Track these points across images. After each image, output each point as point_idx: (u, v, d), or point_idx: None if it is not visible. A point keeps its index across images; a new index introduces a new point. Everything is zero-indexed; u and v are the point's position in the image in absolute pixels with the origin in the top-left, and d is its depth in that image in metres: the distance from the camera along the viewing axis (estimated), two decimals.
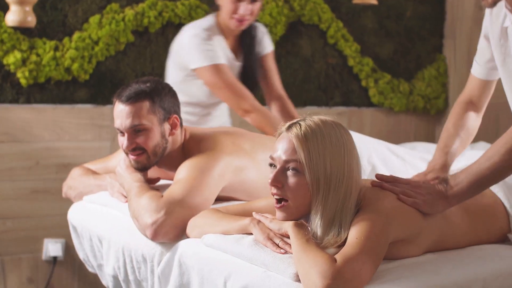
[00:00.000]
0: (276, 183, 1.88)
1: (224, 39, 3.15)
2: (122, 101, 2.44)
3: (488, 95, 2.49)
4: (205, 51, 3.05)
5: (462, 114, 2.47)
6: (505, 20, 2.23)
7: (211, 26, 3.11)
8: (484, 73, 2.42)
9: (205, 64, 3.05)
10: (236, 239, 1.99)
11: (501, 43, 2.26)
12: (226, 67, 3.07)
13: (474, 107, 2.48)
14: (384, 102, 4.49)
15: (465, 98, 2.50)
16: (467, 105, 2.48)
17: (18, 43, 3.45)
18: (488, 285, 1.87)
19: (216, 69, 3.04)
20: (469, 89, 2.50)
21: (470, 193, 2.02)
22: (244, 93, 3.07)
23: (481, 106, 2.49)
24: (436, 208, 1.98)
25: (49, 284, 3.63)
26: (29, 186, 3.56)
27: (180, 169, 2.44)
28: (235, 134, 2.67)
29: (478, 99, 2.48)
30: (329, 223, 1.83)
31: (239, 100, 3.07)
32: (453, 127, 2.46)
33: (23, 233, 3.57)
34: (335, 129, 1.89)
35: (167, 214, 2.24)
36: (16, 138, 3.51)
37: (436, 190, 1.99)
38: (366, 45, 4.44)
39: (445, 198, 1.99)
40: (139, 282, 2.40)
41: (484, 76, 2.43)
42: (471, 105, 2.48)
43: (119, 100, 2.45)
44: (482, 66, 2.41)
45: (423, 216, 1.96)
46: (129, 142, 2.45)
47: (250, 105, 3.06)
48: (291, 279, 1.77)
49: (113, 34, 3.62)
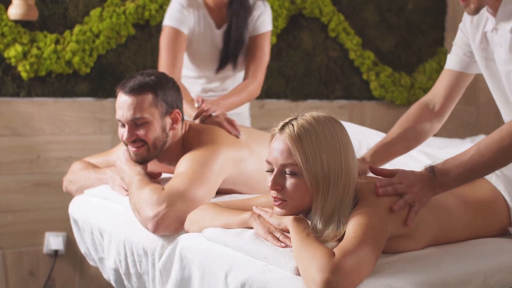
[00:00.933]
0: (275, 187, 1.88)
1: (206, 9, 3.13)
2: (125, 92, 2.44)
3: (455, 97, 2.46)
4: (175, 14, 3.07)
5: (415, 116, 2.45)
6: (486, 24, 2.23)
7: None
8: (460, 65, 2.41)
9: (167, 24, 3.09)
10: (237, 233, 1.99)
11: (482, 47, 2.26)
12: (180, 35, 3.07)
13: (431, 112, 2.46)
14: (385, 96, 4.49)
15: (426, 100, 2.48)
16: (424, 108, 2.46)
17: (19, 37, 3.45)
18: (488, 278, 1.87)
19: (169, 32, 3.07)
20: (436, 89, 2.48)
21: (457, 184, 2.01)
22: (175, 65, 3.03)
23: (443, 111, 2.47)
24: (426, 200, 1.95)
25: (50, 277, 3.64)
26: (30, 179, 3.56)
27: (181, 162, 2.44)
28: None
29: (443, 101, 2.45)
30: (328, 218, 1.83)
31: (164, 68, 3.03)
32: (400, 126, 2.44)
33: (24, 227, 3.58)
34: (328, 125, 1.87)
35: (168, 207, 2.25)
36: (17, 132, 3.51)
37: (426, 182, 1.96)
38: (367, 38, 4.44)
39: (433, 188, 1.96)
40: (140, 276, 2.40)
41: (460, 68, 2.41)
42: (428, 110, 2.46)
43: (122, 90, 2.45)
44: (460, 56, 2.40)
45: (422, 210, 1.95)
46: (129, 134, 2.45)
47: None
48: (291, 272, 1.77)
49: (114, 27, 3.62)
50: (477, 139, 3.86)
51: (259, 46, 3.18)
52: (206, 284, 2.03)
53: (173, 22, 3.06)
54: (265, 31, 3.20)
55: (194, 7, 3.09)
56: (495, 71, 2.27)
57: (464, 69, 2.42)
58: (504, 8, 2.13)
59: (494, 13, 2.17)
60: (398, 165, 2.88)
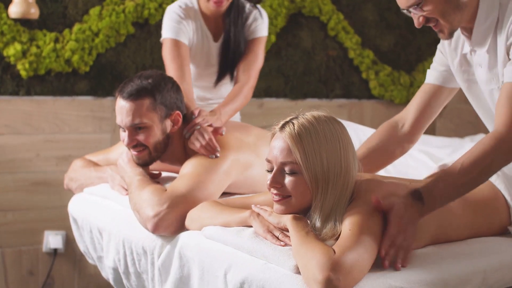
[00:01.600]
0: (275, 185, 1.88)
1: (202, 20, 3.03)
2: (124, 97, 2.43)
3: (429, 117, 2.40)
4: (173, 24, 2.95)
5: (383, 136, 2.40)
6: (464, 47, 2.22)
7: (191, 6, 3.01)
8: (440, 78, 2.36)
9: (167, 36, 2.95)
10: (236, 231, 1.99)
11: (462, 69, 2.25)
12: (182, 46, 2.94)
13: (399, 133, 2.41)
14: (385, 94, 4.49)
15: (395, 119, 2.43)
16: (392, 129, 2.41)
17: (18, 35, 3.44)
18: (488, 277, 1.87)
19: (171, 44, 2.93)
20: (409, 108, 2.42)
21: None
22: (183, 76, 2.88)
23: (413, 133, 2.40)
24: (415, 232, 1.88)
25: (49, 276, 3.63)
26: (29, 178, 3.56)
27: (186, 164, 2.44)
28: (237, 127, 2.67)
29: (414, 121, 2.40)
30: (327, 216, 1.83)
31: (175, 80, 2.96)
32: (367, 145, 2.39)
33: (23, 225, 3.57)
34: (329, 125, 1.88)
35: (169, 208, 2.25)
36: (16, 130, 3.51)
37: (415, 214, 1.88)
38: (367, 37, 4.43)
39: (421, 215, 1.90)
40: (139, 274, 2.40)
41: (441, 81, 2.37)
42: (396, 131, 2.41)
43: (120, 95, 2.44)
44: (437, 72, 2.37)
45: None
46: (130, 139, 2.45)
47: None
48: (291, 271, 1.77)
49: (114, 26, 3.62)
50: (476, 138, 3.86)
51: (251, 49, 3.09)
52: (205, 283, 2.03)
53: (172, 33, 2.94)
54: (258, 36, 3.11)
55: (191, 18, 3.00)
56: (477, 92, 2.25)
57: (443, 83, 2.37)
58: (478, 29, 2.11)
59: (469, 35, 2.16)
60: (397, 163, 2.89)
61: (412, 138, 2.42)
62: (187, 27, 2.98)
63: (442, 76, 2.37)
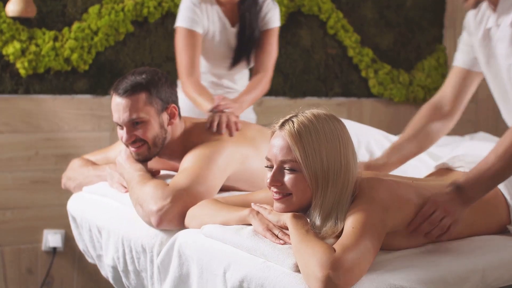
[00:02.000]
0: (274, 183, 1.88)
1: (218, 6, 3.14)
2: (119, 94, 2.43)
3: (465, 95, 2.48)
4: (188, 14, 3.05)
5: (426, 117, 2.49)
6: (488, 21, 2.24)
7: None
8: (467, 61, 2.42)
9: (181, 25, 3.06)
10: (236, 230, 1.99)
11: (484, 43, 2.27)
12: (195, 36, 3.06)
13: (441, 112, 2.48)
14: (384, 93, 4.49)
15: (435, 100, 2.51)
16: (434, 109, 2.49)
17: (18, 34, 3.44)
18: (487, 275, 1.87)
19: (186, 33, 3.05)
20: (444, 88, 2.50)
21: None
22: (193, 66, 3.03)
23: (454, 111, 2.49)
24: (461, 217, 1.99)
25: (48, 274, 3.63)
26: (28, 176, 3.56)
27: (186, 158, 2.44)
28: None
29: (452, 101, 2.47)
30: (327, 214, 1.83)
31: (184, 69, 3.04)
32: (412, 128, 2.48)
33: (22, 224, 3.57)
34: (328, 122, 1.87)
35: (173, 202, 2.25)
36: (15, 129, 3.51)
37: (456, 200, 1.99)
38: (366, 35, 4.43)
39: (463, 204, 2.00)
40: (138, 273, 2.40)
41: (468, 65, 2.43)
42: (438, 110, 2.49)
43: (115, 93, 2.45)
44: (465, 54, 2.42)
45: (421, 206, 1.95)
46: (128, 136, 2.45)
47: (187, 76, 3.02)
48: (290, 269, 1.77)
49: (113, 25, 3.62)
50: (476, 136, 3.86)
51: (268, 40, 3.24)
52: (204, 281, 2.03)
53: (186, 22, 3.05)
54: (273, 26, 3.26)
55: (208, 4, 3.09)
56: (496, 68, 2.27)
57: (471, 67, 2.43)
58: (504, 2, 2.15)
59: (495, 8, 2.19)
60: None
61: (452, 117, 2.50)
62: (202, 15, 3.07)
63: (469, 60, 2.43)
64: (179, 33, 3.06)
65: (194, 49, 3.04)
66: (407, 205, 1.92)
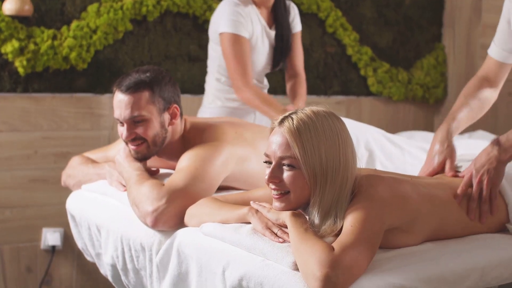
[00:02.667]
0: (273, 180, 1.88)
1: (256, 8, 3.22)
2: (122, 91, 2.43)
3: (505, 73, 2.53)
4: (233, 19, 3.12)
5: (475, 86, 2.53)
6: None
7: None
8: (500, 55, 2.47)
9: (227, 31, 3.12)
10: (235, 228, 1.99)
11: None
12: (245, 41, 3.14)
13: (489, 82, 2.53)
14: (383, 91, 4.49)
15: (482, 74, 2.55)
16: (482, 80, 2.53)
17: (16, 32, 3.44)
18: (486, 274, 1.87)
19: (234, 39, 3.11)
20: (486, 67, 2.55)
21: None
22: (245, 71, 3.13)
23: (497, 82, 2.54)
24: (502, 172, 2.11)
25: (47, 273, 3.63)
26: (27, 175, 3.56)
27: (183, 158, 2.44)
28: (236, 123, 2.67)
29: (495, 76, 2.53)
30: (326, 212, 1.83)
31: (238, 75, 3.12)
32: (464, 96, 2.51)
33: (21, 222, 3.57)
34: (328, 120, 1.87)
35: (168, 202, 2.25)
36: (14, 127, 3.50)
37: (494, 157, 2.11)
38: (365, 34, 4.43)
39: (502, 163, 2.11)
40: (137, 271, 2.40)
41: (501, 58, 2.48)
42: (486, 81, 2.53)
43: (118, 89, 2.45)
44: (499, 48, 2.44)
45: (420, 203, 1.95)
46: (129, 133, 2.44)
47: (244, 83, 3.13)
48: (289, 268, 1.77)
49: (111, 23, 3.61)
50: (475, 134, 3.86)
51: (296, 44, 3.42)
52: (203, 280, 2.03)
53: (232, 28, 3.11)
54: (299, 29, 3.43)
55: (248, 7, 3.16)
56: None
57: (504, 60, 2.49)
58: None
59: None
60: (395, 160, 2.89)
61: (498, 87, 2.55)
62: (246, 18, 3.15)
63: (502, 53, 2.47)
64: (226, 40, 3.12)
65: (243, 55, 3.13)
66: (406, 202, 1.91)
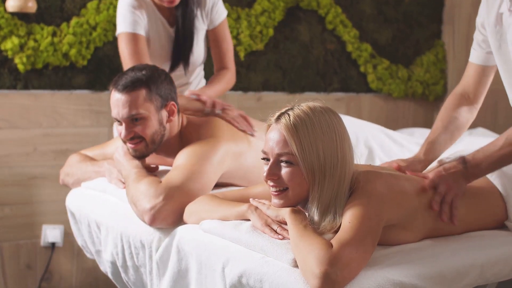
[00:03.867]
0: (271, 177, 1.88)
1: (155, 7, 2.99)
2: (119, 90, 2.43)
3: (485, 85, 2.49)
4: (127, 18, 2.91)
5: (453, 106, 2.50)
6: (501, 6, 2.23)
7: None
8: (481, 58, 2.43)
9: (121, 31, 2.92)
10: (234, 225, 1.99)
11: (496, 29, 2.27)
12: (140, 39, 2.91)
13: (467, 100, 2.50)
14: (383, 88, 4.49)
15: (459, 90, 2.52)
16: (460, 98, 2.50)
17: (16, 29, 3.44)
18: (485, 271, 1.87)
19: (126, 38, 2.90)
20: (465, 79, 2.51)
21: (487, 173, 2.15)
22: None
23: (476, 98, 2.50)
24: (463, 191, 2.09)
25: (47, 270, 3.64)
26: (27, 172, 3.56)
27: (179, 155, 2.44)
28: None
29: (474, 90, 2.49)
30: (325, 209, 1.83)
31: None
32: (442, 120, 2.49)
33: (21, 220, 3.57)
34: (324, 115, 1.87)
35: (165, 200, 2.24)
36: (14, 124, 3.50)
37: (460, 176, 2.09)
38: (365, 30, 4.43)
39: (466, 179, 2.11)
40: (137, 268, 2.40)
41: (482, 61, 2.44)
42: (464, 99, 2.50)
43: (115, 88, 2.44)
44: (478, 51, 2.42)
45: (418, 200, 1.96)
46: (127, 132, 2.44)
47: None
48: (289, 264, 1.77)
49: (111, 20, 3.61)
50: (474, 132, 3.86)
51: (222, 36, 3.15)
52: (203, 276, 2.03)
53: (127, 27, 2.90)
54: (222, 19, 3.15)
55: (143, 7, 2.95)
56: (506, 54, 2.28)
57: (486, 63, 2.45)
58: None
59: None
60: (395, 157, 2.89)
61: (477, 105, 2.53)
62: (141, 17, 2.93)
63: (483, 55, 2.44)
64: (122, 40, 2.91)
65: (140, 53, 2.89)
66: (403, 198, 1.91)
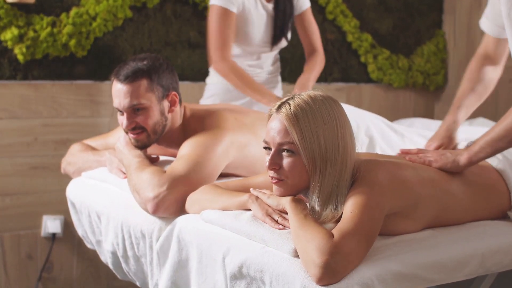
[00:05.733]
0: (273, 166, 1.88)
1: None
2: (120, 80, 2.43)
3: (504, 47, 2.51)
4: None
5: (477, 68, 2.52)
6: None
7: None
8: (493, 31, 2.45)
9: (213, 3, 3.10)
10: (235, 215, 1.99)
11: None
12: (230, 15, 3.09)
13: (490, 60, 2.52)
14: (383, 78, 4.48)
15: (481, 52, 2.54)
16: (483, 59, 2.52)
17: (15, 19, 3.43)
18: (486, 260, 1.87)
19: (218, 11, 3.08)
20: (484, 43, 2.53)
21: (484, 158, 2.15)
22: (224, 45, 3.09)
23: (498, 57, 2.52)
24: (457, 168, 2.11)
25: (48, 260, 3.64)
26: (27, 162, 3.56)
27: (184, 145, 2.44)
28: (236, 110, 2.67)
29: (494, 52, 2.51)
30: (326, 198, 1.83)
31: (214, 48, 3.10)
32: (468, 81, 2.51)
33: (22, 210, 3.57)
34: (325, 104, 1.87)
35: (169, 189, 2.25)
36: (14, 115, 3.50)
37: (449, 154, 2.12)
38: (365, 20, 4.42)
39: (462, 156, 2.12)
40: (137, 258, 2.41)
41: (495, 34, 2.47)
42: (487, 59, 2.52)
43: (116, 79, 2.44)
44: (492, 24, 2.43)
45: (420, 188, 1.95)
46: (129, 122, 2.44)
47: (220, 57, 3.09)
48: (289, 254, 1.77)
49: (111, 10, 3.60)
50: (475, 121, 3.86)
51: (309, 21, 3.39)
52: (203, 266, 2.03)
53: (221, 1, 3.08)
54: (308, 6, 3.38)
55: None
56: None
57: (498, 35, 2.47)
58: None
59: None
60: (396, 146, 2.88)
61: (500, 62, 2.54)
62: None
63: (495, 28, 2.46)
64: (213, 11, 3.10)
65: (227, 29, 3.09)
66: (406, 186, 1.91)
